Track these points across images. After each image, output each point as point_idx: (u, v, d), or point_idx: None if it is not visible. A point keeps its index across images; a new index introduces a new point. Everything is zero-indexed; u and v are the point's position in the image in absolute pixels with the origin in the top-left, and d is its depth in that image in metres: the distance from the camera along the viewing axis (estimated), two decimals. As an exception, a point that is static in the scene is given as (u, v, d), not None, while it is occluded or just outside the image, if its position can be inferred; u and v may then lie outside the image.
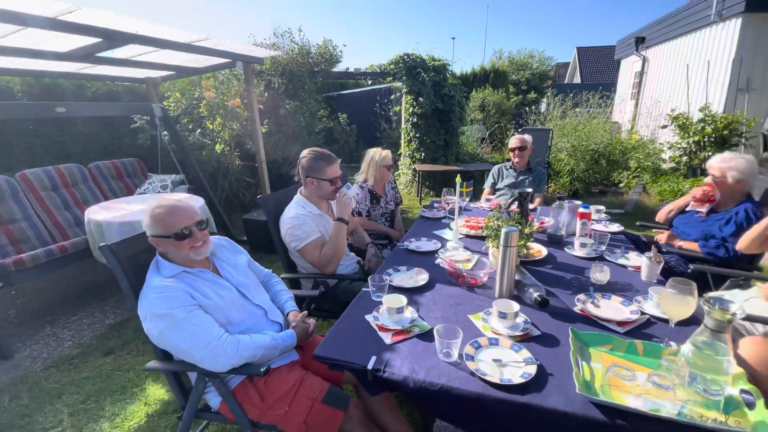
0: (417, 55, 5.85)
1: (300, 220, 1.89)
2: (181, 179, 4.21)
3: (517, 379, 1.00)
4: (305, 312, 1.58)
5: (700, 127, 5.43)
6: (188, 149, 4.22)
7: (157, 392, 2.06)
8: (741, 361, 1.14)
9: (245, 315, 1.42)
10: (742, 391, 0.97)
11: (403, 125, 6.36)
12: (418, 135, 5.96)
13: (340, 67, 6.37)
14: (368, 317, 1.33)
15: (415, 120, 5.92)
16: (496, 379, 1.00)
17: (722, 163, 2.12)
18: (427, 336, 1.22)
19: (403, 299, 1.31)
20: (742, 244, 1.79)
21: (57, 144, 4.11)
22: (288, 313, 1.58)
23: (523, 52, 20.08)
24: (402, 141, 6.49)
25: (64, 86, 4.34)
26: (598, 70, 20.48)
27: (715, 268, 1.92)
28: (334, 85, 11.47)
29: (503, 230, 1.39)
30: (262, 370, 1.23)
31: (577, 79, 21.34)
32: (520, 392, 0.98)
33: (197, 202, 3.25)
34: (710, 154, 5.36)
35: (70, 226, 3.33)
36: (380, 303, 1.38)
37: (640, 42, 9.12)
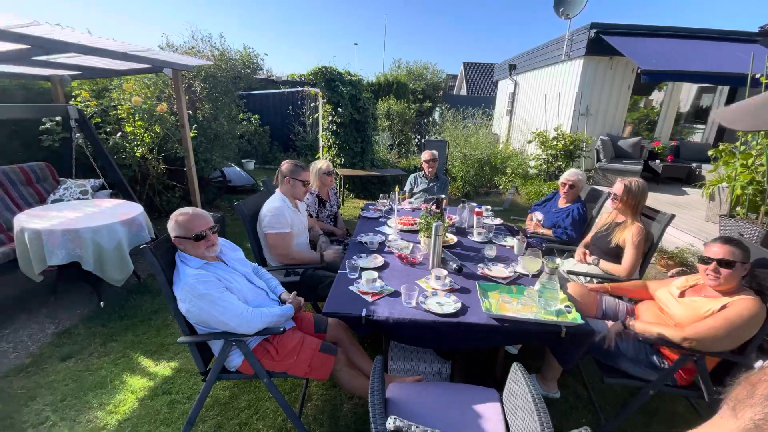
0: (334, 69, 6.43)
1: (281, 211, 2.39)
2: (101, 184, 4.08)
3: (451, 311, 1.71)
4: (295, 292, 2.07)
5: (554, 143, 7.13)
6: (108, 153, 4.10)
7: (139, 382, 2.28)
8: (567, 294, 2.03)
9: (255, 295, 1.87)
10: (566, 306, 1.82)
11: (321, 132, 6.85)
12: (337, 142, 6.53)
13: (260, 74, 6.55)
14: (351, 288, 1.91)
15: (334, 128, 6.48)
16: (440, 312, 1.69)
17: (569, 176, 3.16)
18: (393, 295, 1.86)
19: (375, 273, 1.93)
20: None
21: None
22: (280, 294, 2.05)
23: (419, 63, 21.94)
24: (320, 147, 6.98)
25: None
26: (482, 83, 23.45)
27: (558, 245, 2.96)
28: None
29: (433, 225, 2.11)
30: (281, 329, 1.72)
31: (464, 91, 24.20)
32: (454, 317, 1.69)
33: (136, 209, 3.33)
34: (562, 163, 7.10)
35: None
36: (355, 279, 1.98)
37: (512, 68, 11.09)
